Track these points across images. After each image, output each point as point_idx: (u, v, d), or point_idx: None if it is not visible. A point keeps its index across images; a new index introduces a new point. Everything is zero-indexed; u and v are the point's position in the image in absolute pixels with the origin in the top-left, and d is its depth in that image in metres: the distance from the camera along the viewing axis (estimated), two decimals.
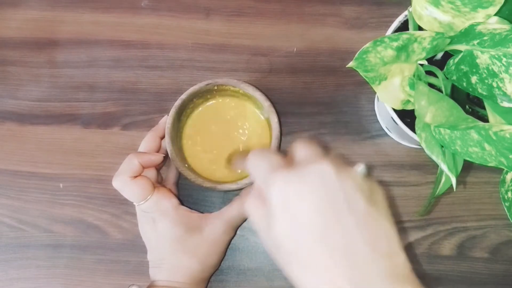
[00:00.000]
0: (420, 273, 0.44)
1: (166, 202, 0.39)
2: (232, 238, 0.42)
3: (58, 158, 0.47)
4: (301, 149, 0.29)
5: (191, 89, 0.42)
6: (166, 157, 0.42)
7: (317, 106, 0.48)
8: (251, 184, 0.40)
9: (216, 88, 0.43)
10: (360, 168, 0.28)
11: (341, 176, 0.26)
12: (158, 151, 0.42)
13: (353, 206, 0.25)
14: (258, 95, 0.42)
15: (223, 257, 0.42)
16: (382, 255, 0.25)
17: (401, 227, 0.45)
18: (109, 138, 0.48)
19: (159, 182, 0.42)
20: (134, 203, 0.39)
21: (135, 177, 0.38)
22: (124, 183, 0.38)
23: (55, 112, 0.49)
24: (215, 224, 0.39)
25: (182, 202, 0.41)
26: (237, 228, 0.43)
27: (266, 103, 0.42)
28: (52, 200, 0.46)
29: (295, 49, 0.50)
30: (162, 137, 0.43)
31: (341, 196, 0.25)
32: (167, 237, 0.38)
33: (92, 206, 0.46)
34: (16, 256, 0.45)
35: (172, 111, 0.42)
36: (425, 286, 0.25)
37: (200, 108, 0.45)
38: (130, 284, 0.39)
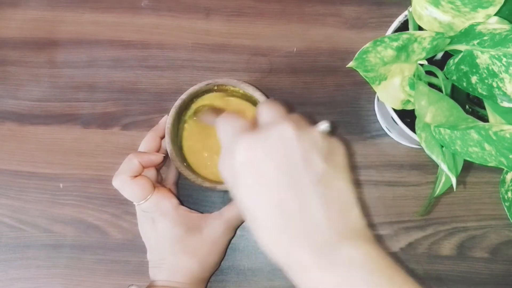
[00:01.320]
0: (420, 273, 0.44)
1: (166, 202, 0.39)
2: (232, 238, 0.42)
3: (58, 158, 0.47)
4: (265, 111, 0.29)
5: (191, 89, 0.42)
6: (166, 157, 0.42)
7: (317, 106, 0.48)
8: None
9: (216, 88, 0.43)
10: (323, 126, 0.28)
11: (300, 136, 0.26)
12: (158, 151, 0.42)
13: (310, 166, 0.26)
14: (258, 95, 0.42)
15: (223, 257, 0.42)
16: (335, 212, 0.25)
17: (401, 227, 0.45)
18: (109, 138, 0.48)
19: (159, 182, 0.42)
20: (134, 203, 0.39)
21: (135, 176, 0.38)
22: (124, 183, 0.38)
23: (55, 112, 0.49)
24: (215, 224, 0.39)
25: (182, 202, 0.41)
26: (237, 228, 0.43)
27: None
28: (52, 200, 0.46)
29: (295, 49, 0.50)
30: (162, 137, 0.43)
31: (299, 156, 0.26)
32: (167, 237, 0.38)
33: (92, 206, 0.46)
34: (16, 256, 0.45)
35: (172, 111, 0.42)
36: (417, 281, 0.25)
37: (200, 108, 0.45)
38: (130, 284, 0.39)
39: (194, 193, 0.46)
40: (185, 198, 0.45)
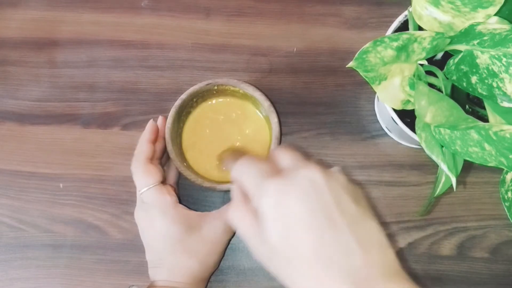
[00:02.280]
0: (420, 273, 0.44)
1: (167, 196, 0.39)
2: (232, 237, 0.42)
3: (58, 158, 0.47)
4: (285, 156, 0.30)
5: (191, 89, 0.42)
6: (166, 157, 0.42)
7: (317, 106, 0.48)
8: None
9: (216, 88, 0.43)
10: (337, 169, 0.30)
11: (329, 179, 0.27)
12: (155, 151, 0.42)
13: (343, 208, 0.27)
14: (258, 95, 0.42)
15: (223, 257, 0.42)
16: (374, 253, 0.26)
17: (401, 227, 0.45)
18: (109, 138, 0.48)
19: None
20: (138, 190, 0.39)
21: (151, 162, 0.39)
22: (138, 167, 0.39)
23: (55, 112, 0.49)
24: (214, 224, 0.39)
25: (181, 202, 0.41)
26: None
27: (266, 103, 0.42)
28: (52, 200, 0.46)
29: (295, 49, 0.50)
30: (154, 141, 0.42)
31: (332, 199, 0.27)
32: (166, 236, 0.38)
33: (92, 206, 0.46)
34: (16, 256, 0.45)
35: (172, 111, 0.42)
36: (415, 282, 0.26)
37: (200, 108, 0.45)
38: (130, 285, 0.39)
39: (194, 193, 0.46)
40: (185, 198, 0.45)
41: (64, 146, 0.48)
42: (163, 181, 0.42)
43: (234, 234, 0.42)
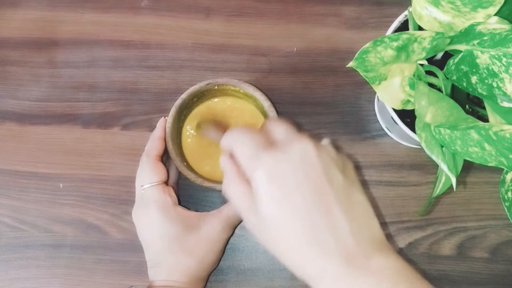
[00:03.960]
0: (420, 273, 0.44)
1: (167, 196, 0.39)
2: (230, 237, 0.42)
3: (58, 158, 0.47)
4: (279, 128, 0.31)
5: (192, 89, 0.42)
6: (167, 156, 0.42)
7: (317, 106, 0.48)
8: None
9: (216, 88, 0.43)
10: (327, 142, 0.31)
11: (320, 152, 0.28)
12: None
13: (332, 180, 0.28)
14: (258, 95, 0.42)
15: (221, 256, 0.42)
16: (360, 224, 0.27)
17: (401, 227, 0.45)
18: (109, 138, 0.48)
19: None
20: (141, 185, 0.39)
21: (160, 159, 0.40)
22: (148, 161, 0.39)
23: (55, 112, 0.49)
24: (213, 223, 0.39)
25: (181, 203, 0.41)
26: (236, 227, 0.42)
27: (266, 103, 0.42)
28: (52, 200, 0.46)
29: (295, 49, 0.50)
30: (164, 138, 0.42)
31: (321, 170, 0.27)
32: (165, 236, 0.38)
33: (92, 206, 0.46)
34: (16, 256, 0.45)
35: (173, 110, 0.42)
36: None
37: (200, 108, 0.45)
38: (130, 285, 0.39)
39: (194, 193, 0.46)
40: (185, 198, 0.45)
41: (64, 146, 0.48)
42: (166, 182, 0.43)
43: (233, 233, 0.42)
